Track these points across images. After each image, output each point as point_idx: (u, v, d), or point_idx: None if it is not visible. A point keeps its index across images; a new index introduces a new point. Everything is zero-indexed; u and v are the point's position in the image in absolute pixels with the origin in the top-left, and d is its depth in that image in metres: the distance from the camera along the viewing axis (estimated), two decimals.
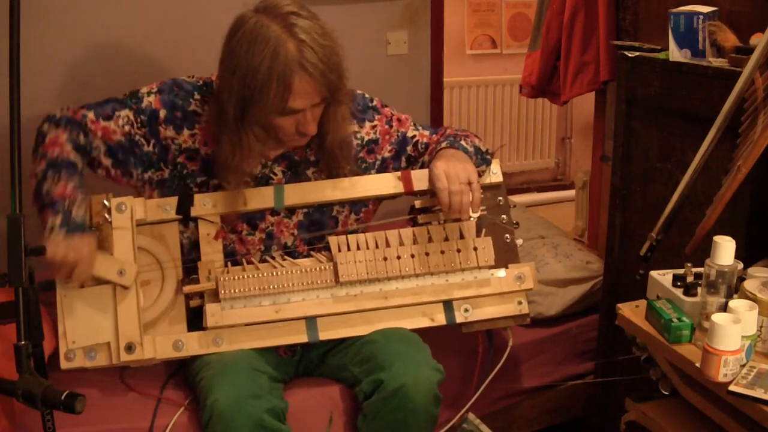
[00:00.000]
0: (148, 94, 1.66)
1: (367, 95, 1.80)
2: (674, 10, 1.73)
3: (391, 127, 1.79)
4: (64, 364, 1.57)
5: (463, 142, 1.73)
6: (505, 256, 1.76)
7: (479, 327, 1.76)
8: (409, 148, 1.81)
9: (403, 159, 1.82)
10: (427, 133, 1.83)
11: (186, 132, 1.66)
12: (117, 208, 1.62)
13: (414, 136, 1.82)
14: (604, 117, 2.58)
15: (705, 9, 1.67)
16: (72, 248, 1.49)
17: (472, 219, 1.73)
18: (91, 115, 1.63)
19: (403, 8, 2.75)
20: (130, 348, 1.58)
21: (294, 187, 1.71)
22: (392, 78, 2.72)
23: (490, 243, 1.74)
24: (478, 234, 1.75)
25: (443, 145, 1.73)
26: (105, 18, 2.30)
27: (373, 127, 1.78)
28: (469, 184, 1.63)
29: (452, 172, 1.63)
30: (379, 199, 1.82)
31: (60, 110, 1.65)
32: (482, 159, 1.78)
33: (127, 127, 1.64)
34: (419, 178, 1.77)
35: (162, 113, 1.64)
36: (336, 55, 1.53)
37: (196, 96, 1.67)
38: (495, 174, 1.81)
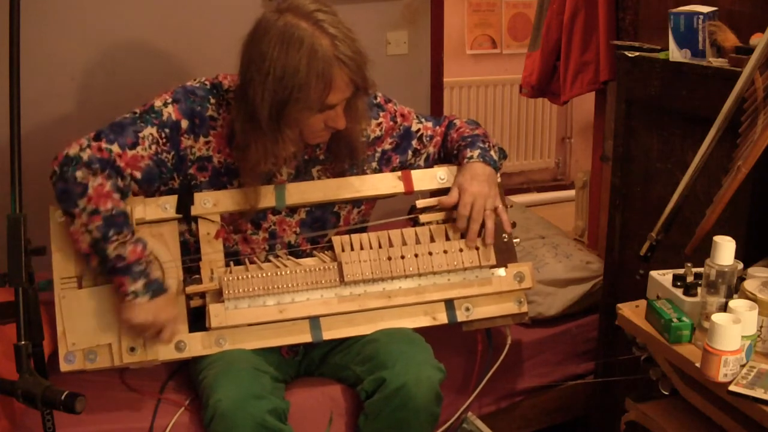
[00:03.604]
0: (165, 105, 1.62)
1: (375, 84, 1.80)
2: (674, 10, 1.73)
3: (395, 123, 1.80)
4: (63, 367, 1.56)
5: (492, 153, 1.76)
6: (503, 255, 1.76)
7: (479, 325, 1.76)
8: (414, 142, 1.82)
9: (409, 153, 1.83)
10: (430, 124, 1.85)
11: (201, 139, 1.64)
12: None
13: (418, 129, 1.83)
14: (604, 117, 2.58)
15: (705, 9, 1.67)
16: (159, 312, 1.54)
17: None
18: (116, 148, 1.56)
19: (403, 8, 2.75)
20: (133, 349, 1.58)
21: (295, 187, 1.71)
22: (392, 78, 2.71)
23: None
24: (478, 233, 1.75)
25: (475, 155, 1.73)
26: (105, 18, 2.30)
27: (379, 124, 1.78)
28: (495, 208, 1.72)
29: (480, 202, 1.69)
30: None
31: (79, 147, 1.55)
32: (504, 156, 1.85)
33: (153, 147, 1.60)
34: (420, 179, 1.78)
35: (184, 123, 1.62)
36: (362, 46, 1.55)
37: (212, 100, 1.65)
38: None
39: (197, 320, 1.65)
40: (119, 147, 1.57)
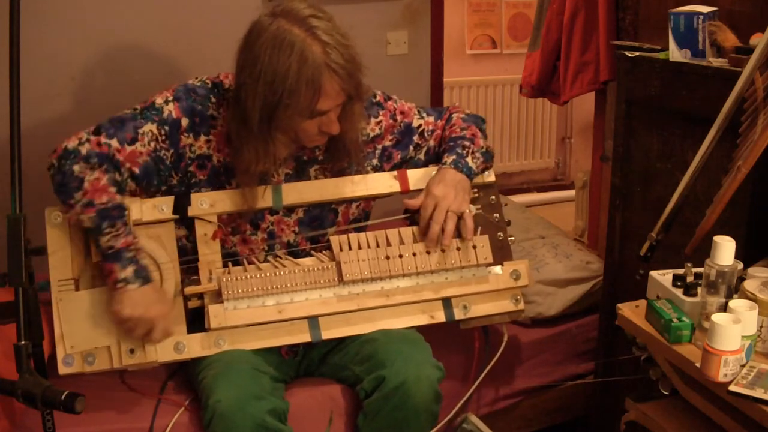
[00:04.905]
0: (166, 102, 1.62)
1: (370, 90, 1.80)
2: (674, 10, 1.73)
3: (395, 121, 1.80)
4: (62, 370, 1.55)
5: (468, 160, 1.74)
6: (499, 253, 1.77)
7: (476, 323, 1.77)
8: (415, 138, 1.83)
9: (411, 148, 1.83)
10: (431, 119, 1.85)
11: (202, 138, 1.64)
12: None
13: (420, 125, 1.83)
14: (604, 117, 2.58)
15: (705, 9, 1.67)
16: (150, 305, 1.51)
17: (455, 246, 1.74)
18: (114, 143, 1.56)
19: (403, 8, 2.75)
20: (132, 351, 1.57)
21: (291, 187, 1.71)
22: (392, 78, 2.72)
23: (487, 241, 1.74)
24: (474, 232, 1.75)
25: (449, 162, 1.73)
26: (105, 18, 2.30)
27: (378, 123, 1.79)
28: (461, 213, 1.69)
29: (442, 205, 1.67)
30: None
31: (78, 141, 1.56)
32: (490, 158, 1.81)
33: (152, 144, 1.60)
34: (415, 178, 1.78)
35: (184, 122, 1.62)
36: (356, 54, 1.54)
37: (212, 99, 1.65)
38: (487, 173, 1.82)
39: (195, 321, 1.64)
40: (118, 142, 1.57)
